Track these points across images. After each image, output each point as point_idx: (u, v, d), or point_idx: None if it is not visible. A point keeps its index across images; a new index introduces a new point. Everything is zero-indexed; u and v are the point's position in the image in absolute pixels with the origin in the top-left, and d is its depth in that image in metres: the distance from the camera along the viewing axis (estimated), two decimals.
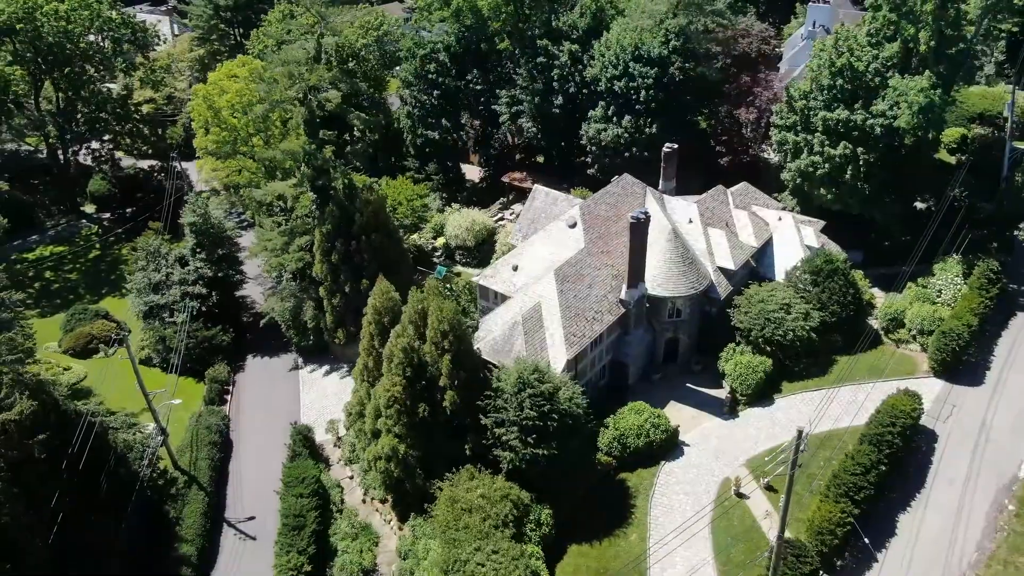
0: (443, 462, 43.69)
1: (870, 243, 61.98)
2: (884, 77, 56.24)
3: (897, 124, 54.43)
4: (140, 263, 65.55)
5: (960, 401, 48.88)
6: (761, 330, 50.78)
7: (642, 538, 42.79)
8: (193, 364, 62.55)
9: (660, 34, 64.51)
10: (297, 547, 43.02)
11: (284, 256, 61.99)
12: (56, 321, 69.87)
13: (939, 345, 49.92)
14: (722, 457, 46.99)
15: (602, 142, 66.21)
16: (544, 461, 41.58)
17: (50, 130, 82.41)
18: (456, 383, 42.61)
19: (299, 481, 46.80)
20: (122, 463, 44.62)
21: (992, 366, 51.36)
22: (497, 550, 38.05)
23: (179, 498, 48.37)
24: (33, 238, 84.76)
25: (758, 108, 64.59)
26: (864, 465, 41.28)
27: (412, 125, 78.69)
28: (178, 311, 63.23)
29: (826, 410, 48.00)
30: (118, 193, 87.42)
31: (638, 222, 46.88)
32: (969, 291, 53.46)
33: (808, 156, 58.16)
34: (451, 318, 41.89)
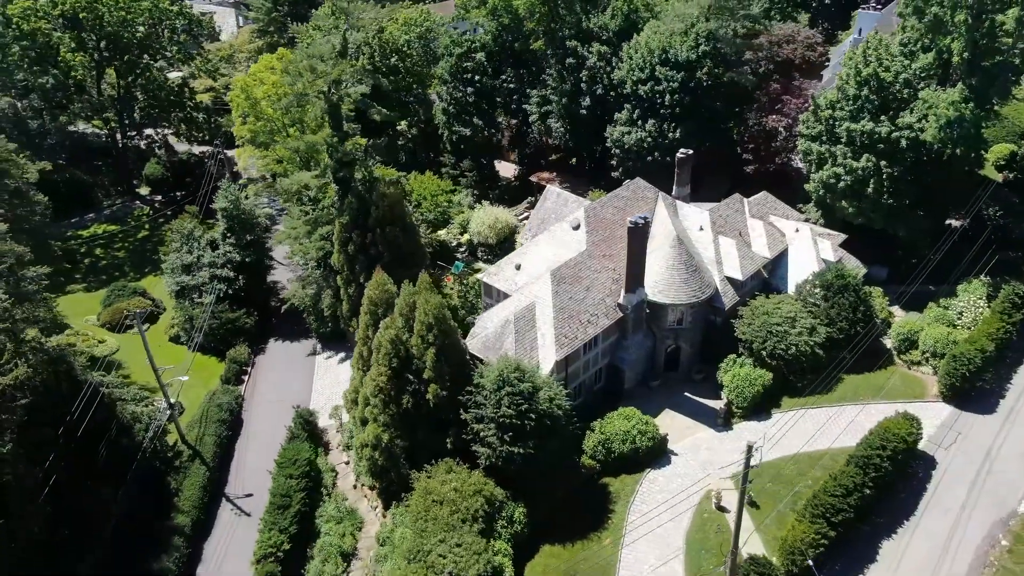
0: (426, 453, 44.49)
1: (896, 260, 59.90)
2: (915, 88, 54.34)
3: (923, 138, 52.53)
4: (174, 245, 68.60)
5: (967, 429, 46.93)
6: (763, 343, 49.81)
7: (615, 543, 42.67)
8: (217, 344, 65.29)
9: (690, 38, 63.69)
10: (279, 526, 44.59)
11: (306, 244, 63.94)
12: (99, 296, 73.71)
13: (949, 369, 48.02)
14: (709, 469, 46.35)
15: (626, 145, 65.85)
16: (520, 459, 41.90)
17: (109, 115, 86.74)
18: (440, 377, 43.32)
19: (291, 462, 48.42)
20: (125, 433, 47.00)
21: (1008, 394, 49.07)
22: (461, 543, 38.64)
23: (182, 471, 50.57)
24: (89, 216, 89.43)
25: (787, 116, 63.10)
26: (846, 487, 40.13)
27: (447, 121, 79.85)
28: (206, 292, 66.02)
29: (825, 429, 47.20)
30: (170, 177, 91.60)
31: (636, 227, 46.63)
32: (991, 315, 51.19)
33: (831, 167, 56.63)
34: (436, 312, 42.60)
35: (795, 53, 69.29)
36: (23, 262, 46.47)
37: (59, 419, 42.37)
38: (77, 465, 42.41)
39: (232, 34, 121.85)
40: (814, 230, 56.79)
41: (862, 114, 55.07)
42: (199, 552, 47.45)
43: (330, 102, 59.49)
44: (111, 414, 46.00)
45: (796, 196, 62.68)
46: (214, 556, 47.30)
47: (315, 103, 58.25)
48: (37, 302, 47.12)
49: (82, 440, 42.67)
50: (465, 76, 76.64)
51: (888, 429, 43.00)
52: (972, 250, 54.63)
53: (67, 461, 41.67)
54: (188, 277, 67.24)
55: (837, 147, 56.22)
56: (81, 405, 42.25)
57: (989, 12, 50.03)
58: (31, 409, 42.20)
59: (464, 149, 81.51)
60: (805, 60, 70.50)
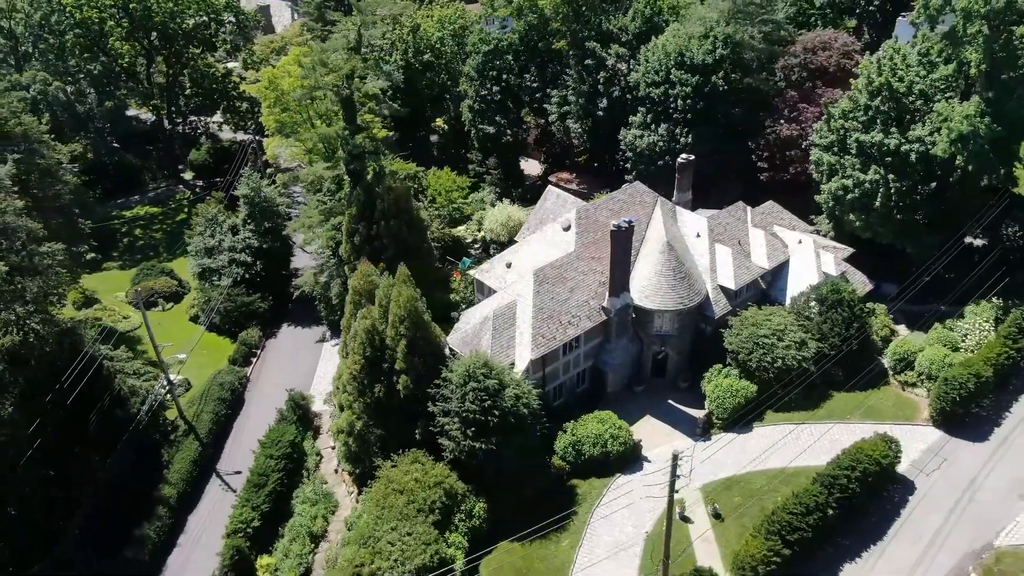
0: (396, 443, 45.38)
1: (908, 277, 57.77)
2: (931, 100, 52.47)
3: (933, 152, 50.72)
4: (199, 228, 71.44)
5: (954, 455, 45.19)
6: (749, 354, 48.98)
7: (572, 546, 42.73)
8: (231, 326, 67.74)
9: (708, 42, 62.82)
10: (252, 503, 46.22)
11: (318, 233, 65.72)
12: (131, 274, 77.29)
13: (939, 392, 46.32)
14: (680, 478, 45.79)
15: (638, 148, 65.45)
16: (482, 455, 42.37)
17: (156, 102, 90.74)
18: (411, 368, 44.14)
19: (274, 443, 50.09)
20: (120, 405, 49.38)
21: (1004, 423, 47.00)
22: (411, 532, 39.38)
23: (175, 444, 52.79)
24: (135, 198, 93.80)
25: (802, 125, 61.62)
26: (806, 505, 39.25)
27: (473, 119, 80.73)
28: (224, 275, 68.62)
29: (805, 446, 46.31)
30: (212, 163, 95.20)
31: (619, 230, 46.49)
32: (995, 339, 49.12)
33: (840, 179, 55.18)
34: (408, 304, 43.41)
35: (830, 61, 67.49)
36: (37, 238, 49.11)
37: (56, 386, 44.98)
38: (67, 431, 44.83)
39: (286, 27, 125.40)
40: (818, 242, 55.42)
41: (874, 125, 53.47)
42: (183, 523, 49.45)
43: (343, 96, 60.99)
44: (107, 386, 48.41)
45: (810, 207, 61.24)
46: (197, 528, 49.22)
47: (326, 96, 59.68)
48: (50, 276, 49.68)
49: (74, 408, 45.06)
50: (491, 74, 77.31)
51: (861, 450, 41.84)
52: (976, 270, 52.39)
53: (57, 427, 44.11)
54: (209, 260, 70.01)
55: (846, 158, 54.73)
56: (74, 374, 44.59)
57: (1006, 23, 47.85)
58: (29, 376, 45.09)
59: (490, 147, 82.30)
60: (840, 68, 68.57)
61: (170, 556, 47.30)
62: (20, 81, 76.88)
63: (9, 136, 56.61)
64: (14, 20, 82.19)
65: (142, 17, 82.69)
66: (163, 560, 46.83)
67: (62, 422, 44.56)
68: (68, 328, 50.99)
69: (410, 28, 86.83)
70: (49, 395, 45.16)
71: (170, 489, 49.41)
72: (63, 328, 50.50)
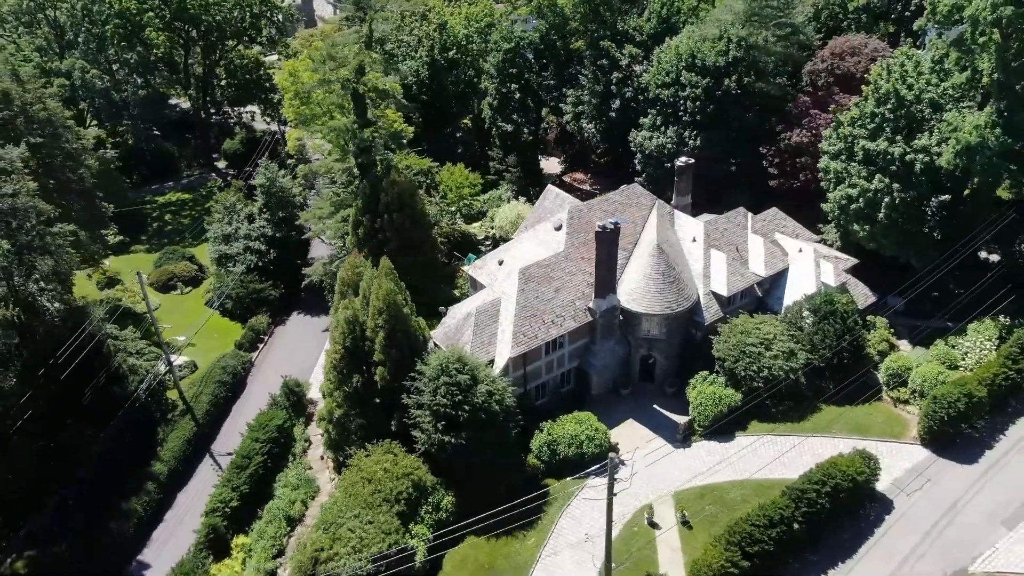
0: (373, 433, 46.04)
1: (916, 291, 56.10)
2: (941, 109, 50.85)
3: (938, 163, 49.17)
4: (217, 215, 73.45)
5: (939, 476, 43.78)
6: (735, 362, 48.23)
7: (538, 544, 42.76)
8: (243, 312, 69.52)
9: (721, 44, 61.90)
10: (233, 484, 47.47)
11: (328, 224, 66.97)
12: (155, 258, 79.90)
13: (928, 411, 44.92)
14: (654, 483, 45.48)
15: (647, 150, 64.91)
16: (451, 449, 42.72)
17: (192, 92, 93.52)
18: (389, 360, 44.74)
19: (261, 427, 51.31)
20: (118, 382, 51.20)
21: (997, 446, 45.32)
22: (373, 521, 39.97)
23: (172, 423, 54.48)
24: (169, 184, 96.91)
25: (812, 131, 60.25)
26: (770, 518, 38.57)
27: (492, 116, 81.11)
28: (239, 262, 70.44)
29: (786, 458, 45.56)
30: (244, 152, 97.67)
31: (604, 231, 46.31)
32: (995, 358, 47.40)
33: (844, 187, 53.88)
34: (387, 297, 44.00)
35: (858, 67, 65.83)
36: (48, 219, 51.24)
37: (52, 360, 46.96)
38: (63, 404, 46.74)
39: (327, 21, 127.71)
40: (819, 251, 54.18)
41: (881, 133, 52.06)
42: (172, 500, 51.05)
43: (352, 89, 61.98)
44: (105, 363, 50.25)
45: (820, 216, 59.87)
46: (185, 505, 50.72)
47: (333, 90, 60.70)
48: (60, 256, 51.80)
49: (71, 383, 46.93)
50: (511, 71, 77.55)
51: (836, 465, 40.92)
52: (975, 287, 50.59)
53: (52, 400, 46.04)
54: (226, 246, 71.90)
55: (851, 166, 53.42)
56: (70, 349, 46.46)
57: (1019, 31, 46.03)
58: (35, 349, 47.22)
59: (511, 145, 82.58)
60: (868, 73, 66.92)
61: (155, 531, 48.88)
62: (60, 68, 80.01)
63: (33, 120, 59.03)
64: (59, 10, 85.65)
65: (178, 9, 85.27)
66: (148, 534, 48.43)
67: (57, 395, 46.40)
68: (77, 307, 53.17)
69: (437, 25, 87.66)
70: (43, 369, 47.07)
71: (161, 466, 51.03)
72: (72, 306, 52.73)
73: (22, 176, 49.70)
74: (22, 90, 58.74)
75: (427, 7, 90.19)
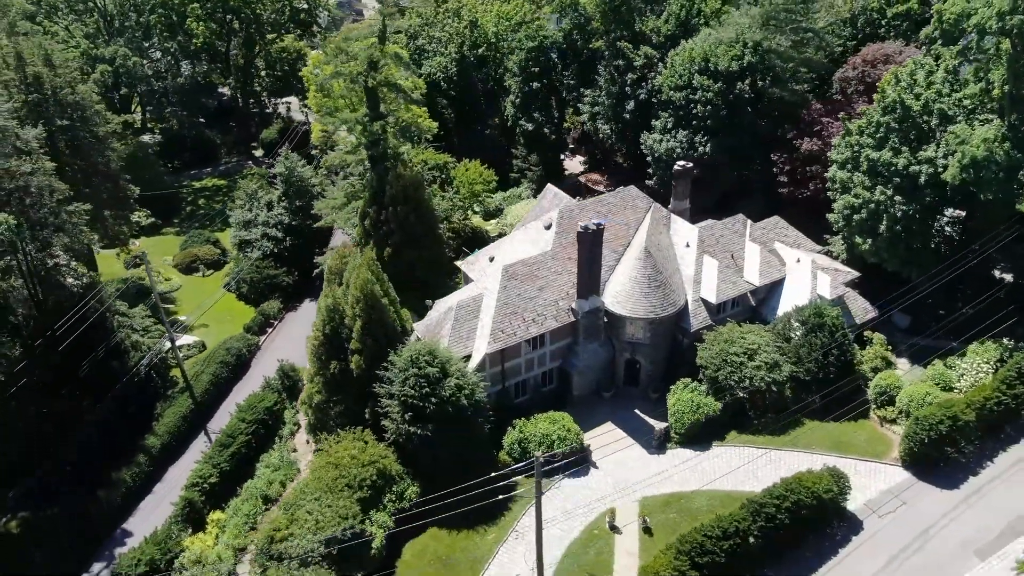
0: (349, 419, 46.93)
1: (926, 309, 54.27)
2: (951, 120, 49.00)
3: (943, 176, 47.42)
4: (239, 202, 75.70)
5: (915, 499, 42.27)
6: (716, 370, 47.48)
7: (497, 540, 42.93)
8: (257, 296, 71.50)
9: (736, 48, 60.83)
10: (214, 461, 48.97)
11: (338, 214, 68.33)
12: (181, 240, 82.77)
13: (909, 432, 43.43)
14: (622, 487, 45.12)
15: (656, 153, 64.24)
16: (417, 440, 43.25)
17: (231, 81, 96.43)
18: (364, 349, 45.52)
19: (249, 408, 52.74)
20: (118, 356, 53.35)
21: (983, 472, 43.48)
22: (332, 505, 40.76)
23: (170, 399, 56.45)
24: (207, 170, 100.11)
25: (824, 139, 58.69)
26: (724, 529, 37.89)
27: (514, 114, 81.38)
28: (256, 248, 72.49)
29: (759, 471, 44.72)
30: (280, 141, 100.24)
31: (586, 232, 46.13)
32: (990, 381, 45.50)
33: (848, 197, 52.43)
34: (364, 287, 44.79)
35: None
36: (64, 198, 53.65)
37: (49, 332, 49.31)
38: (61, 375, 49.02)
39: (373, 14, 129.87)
40: (818, 263, 52.82)
41: (886, 143, 50.46)
42: (163, 473, 52.93)
43: (363, 83, 63.02)
44: (108, 337, 52.44)
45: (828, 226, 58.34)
46: (174, 479, 52.49)
47: (340, 82, 61.84)
48: (74, 233, 54.21)
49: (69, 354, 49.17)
50: (533, 70, 77.66)
51: (800, 481, 39.98)
52: (967, 306, 48.59)
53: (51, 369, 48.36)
54: (245, 232, 74.10)
55: (855, 176, 51.94)
56: (70, 323, 48.66)
57: None
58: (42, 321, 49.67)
59: (534, 143, 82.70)
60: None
61: (143, 501, 50.79)
62: (104, 55, 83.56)
63: (62, 103, 61.86)
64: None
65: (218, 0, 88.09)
66: (135, 504, 50.37)
67: (57, 366, 48.64)
68: (89, 283, 55.62)
69: (468, 22, 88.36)
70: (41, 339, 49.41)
71: (154, 440, 52.96)
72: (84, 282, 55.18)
73: (39, 156, 52.06)
74: (53, 74, 61.54)
75: (460, 3, 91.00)
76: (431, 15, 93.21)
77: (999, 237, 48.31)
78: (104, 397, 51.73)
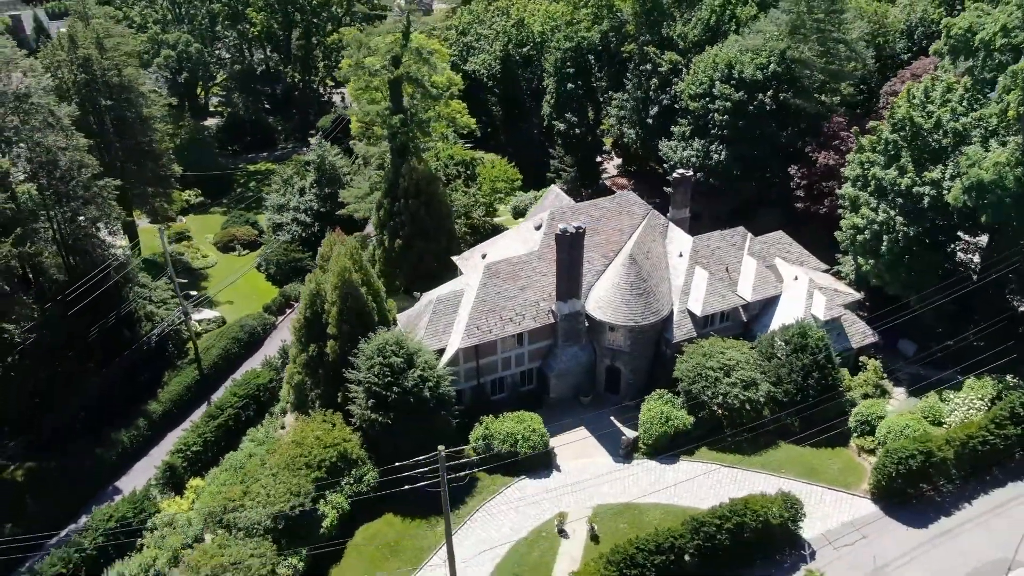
0: (324, 401, 48.37)
1: (935, 337, 51.55)
2: (966, 140, 46.43)
3: (947, 199, 45.00)
4: (275, 186, 78.72)
5: (877, 535, 40.38)
6: (691, 384, 46.58)
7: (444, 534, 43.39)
8: (282, 278, 74.30)
9: (761, 56, 59.17)
10: (200, 430, 51.33)
11: (360, 204, 70.17)
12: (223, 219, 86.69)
13: (878, 464, 41.52)
14: (580, 493, 44.87)
15: (671, 161, 63.20)
16: (379, 427, 44.24)
17: (288, 70, 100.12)
18: (340, 335, 46.81)
19: (244, 383, 54.99)
20: (129, 325, 56.56)
21: (957, 514, 41.11)
22: (286, 482, 42.17)
23: (179, 370, 59.44)
24: (263, 155, 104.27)
25: (842, 154, 56.39)
26: (658, 544, 37.30)
27: (550, 114, 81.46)
28: (285, 231, 75.32)
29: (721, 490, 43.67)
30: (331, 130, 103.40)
31: (564, 234, 46.01)
32: (981, 419, 42.97)
33: (854, 216, 50.39)
34: (341, 274, 46.02)
35: None
36: (95, 173, 57.25)
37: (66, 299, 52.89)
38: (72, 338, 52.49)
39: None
40: (815, 282, 50.94)
41: (895, 161, 48.20)
42: (161, 438, 55.80)
43: (387, 77, 64.44)
44: (120, 305, 55.72)
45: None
46: (171, 444, 55.24)
47: (360, 76, 63.42)
48: (103, 206, 57.84)
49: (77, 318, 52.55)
50: (569, 71, 77.54)
51: (747, 503, 38.89)
52: (976, 337, 45.79)
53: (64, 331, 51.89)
54: (279, 216, 77.08)
55: (861, 194, 49.85)
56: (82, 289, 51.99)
57: None
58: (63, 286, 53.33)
59: (570, 144, 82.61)
60: None
61: (137, 463, 53.73)
62: (168, 40, 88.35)
63: (108, 85, 65.89)
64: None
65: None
66: (130, 465, 53.33)
67: (68, 329, 52.06)
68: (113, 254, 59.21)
69: (516, 21, 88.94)
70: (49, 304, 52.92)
71: (156, 406, 55.93)
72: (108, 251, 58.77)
73: (72, 132, 55.66)
74: (102, 57, 65.57)
75: (510, 2, 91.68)
76: (481, 12, 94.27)
77: (1010, 264, 45.44)
78: (110, 363, 54.87)
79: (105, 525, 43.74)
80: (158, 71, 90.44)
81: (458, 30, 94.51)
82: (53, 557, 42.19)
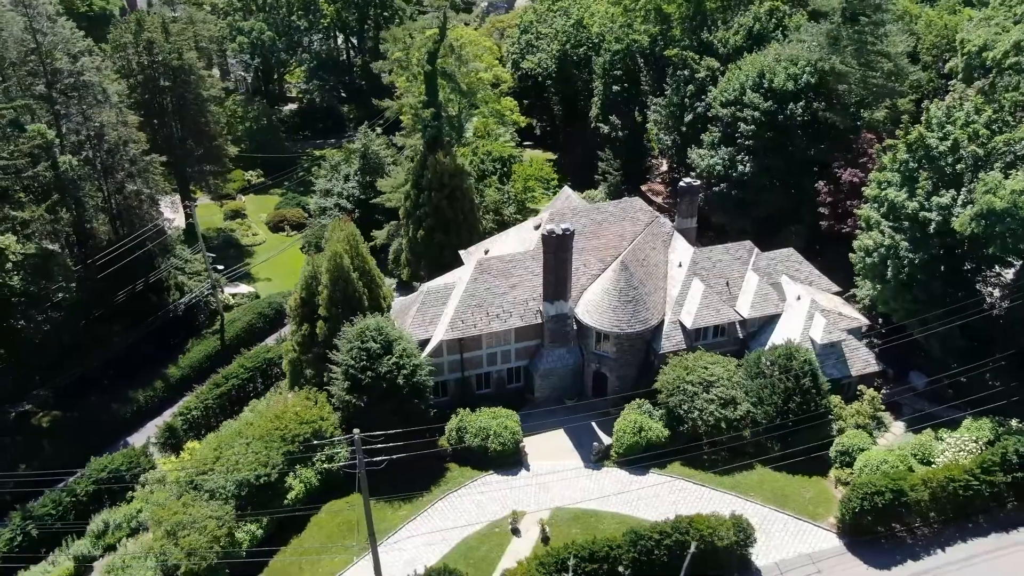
0: (317, 380, 50.16)
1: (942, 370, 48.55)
2: (988, 166, 43.55)
3: (953, 225, 42.37)
4: (322, 172, 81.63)
5: (834, 571, 38.62)
6: (668, 396, 45.74)
7: (405, 518, 44.34)
8: None
9: (796, 66, 57.06)
10: (202, 397, 54.16)
11: (393, 195, 71.94)
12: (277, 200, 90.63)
13: (845, 498, 39.65)
14: (544, 494, 44.88)
15: (697, 170, 61.80)
16: (353, 410, 45.60)
17: (360, 60, 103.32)
18: (330, 317, 48.47)
19: (254, 356, 57.62)
20: (156, 292, 60.21)
21: (926, 559, 38.81)
22: (257, 452, 44.13)
23: (202, 338, 62.78)
24: (331, 141, 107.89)
25: (867, 172, 53.64)
26: (592, 552, 36.93)
27: (598, 115, 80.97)
28: (329, 215, 78.06)
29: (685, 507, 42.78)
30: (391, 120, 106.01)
31: (550, 236, 46.06)
32: (969, 462, 40.37)
33: (864, 238, 48.11)
34: (333, 260, 47.64)
35: None
36: (143, 149, 61.29)
37: None
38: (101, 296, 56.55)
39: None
40: (819, 304, 48.84)
41: (913, 183, 45.68)
42: (176, 400, 58.85)
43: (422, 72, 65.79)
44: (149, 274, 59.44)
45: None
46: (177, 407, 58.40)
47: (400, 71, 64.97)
48: (149, 180, 61.95)
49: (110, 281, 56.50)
50: (615, 73, 76.88)
51: (693, 522, 37.96)
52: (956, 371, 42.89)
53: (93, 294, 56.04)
54: (324, 200, 79.94)
55: (873, 213, 47.50)
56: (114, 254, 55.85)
57: None
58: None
59: (618, 146, 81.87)
60: None
61: (151, 421, 57.08)
62: (243, 27, 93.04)
63: (168, 67, 70.16)
64: None
65: None
66: (143, 423, 56.66)
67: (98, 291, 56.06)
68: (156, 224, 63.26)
69: (575, 20, 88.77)
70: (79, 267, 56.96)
71: (175, 370, 59.27)
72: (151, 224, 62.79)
73: (121, 109, 59.76)
74: (165, 40, 69.87)
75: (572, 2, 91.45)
76: (544, 11, 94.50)
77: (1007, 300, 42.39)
78: (138, 326, 58.60)
79: (98, 475, 46.91)
80: (235, 55, 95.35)
81: (520, 28, 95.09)
82: (46, 499, 45.61)
